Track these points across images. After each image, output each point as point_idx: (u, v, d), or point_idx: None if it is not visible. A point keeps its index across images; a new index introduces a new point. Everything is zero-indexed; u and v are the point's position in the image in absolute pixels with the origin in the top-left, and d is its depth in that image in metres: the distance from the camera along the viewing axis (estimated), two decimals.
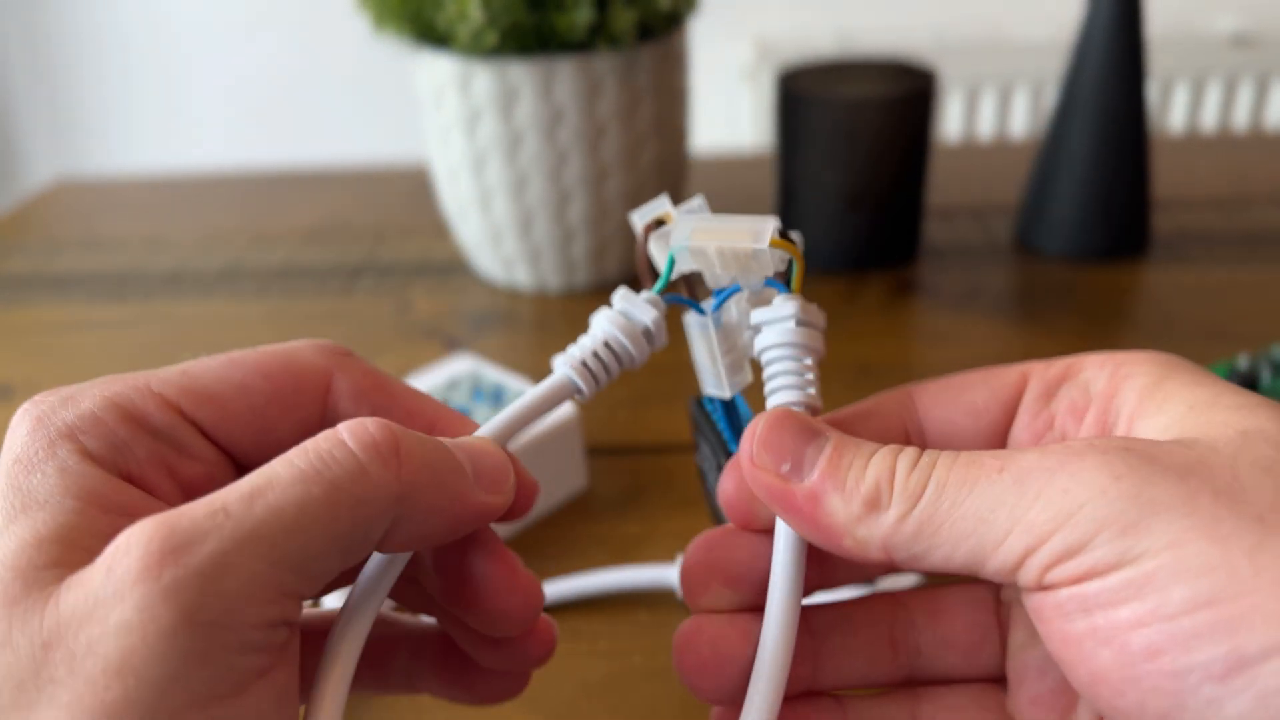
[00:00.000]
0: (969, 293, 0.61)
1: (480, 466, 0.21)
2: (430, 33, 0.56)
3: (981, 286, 0.61)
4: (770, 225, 0.23)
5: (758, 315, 0.24)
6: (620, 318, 0.24)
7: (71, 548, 0.17)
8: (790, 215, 0.64)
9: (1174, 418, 0.20)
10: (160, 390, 0.21)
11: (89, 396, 0.20)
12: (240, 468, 0.22)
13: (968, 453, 0.20)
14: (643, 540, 0.42)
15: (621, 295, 0.24)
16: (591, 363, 0.24)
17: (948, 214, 0.70)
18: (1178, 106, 1.33)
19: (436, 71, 0.57)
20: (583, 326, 0.25)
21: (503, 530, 0.43)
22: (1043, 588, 0.19)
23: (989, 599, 0.25)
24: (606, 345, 0.24)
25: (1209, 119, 1.34)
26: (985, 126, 1.34)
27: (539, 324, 0.60)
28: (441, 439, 0.21)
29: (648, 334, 0.24)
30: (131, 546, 0.16)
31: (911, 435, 0.24)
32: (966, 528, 0.19)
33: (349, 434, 0.19)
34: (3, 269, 0.71)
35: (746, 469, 0.22)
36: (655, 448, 0.48)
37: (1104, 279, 0.61)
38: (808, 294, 0.24)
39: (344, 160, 0.90)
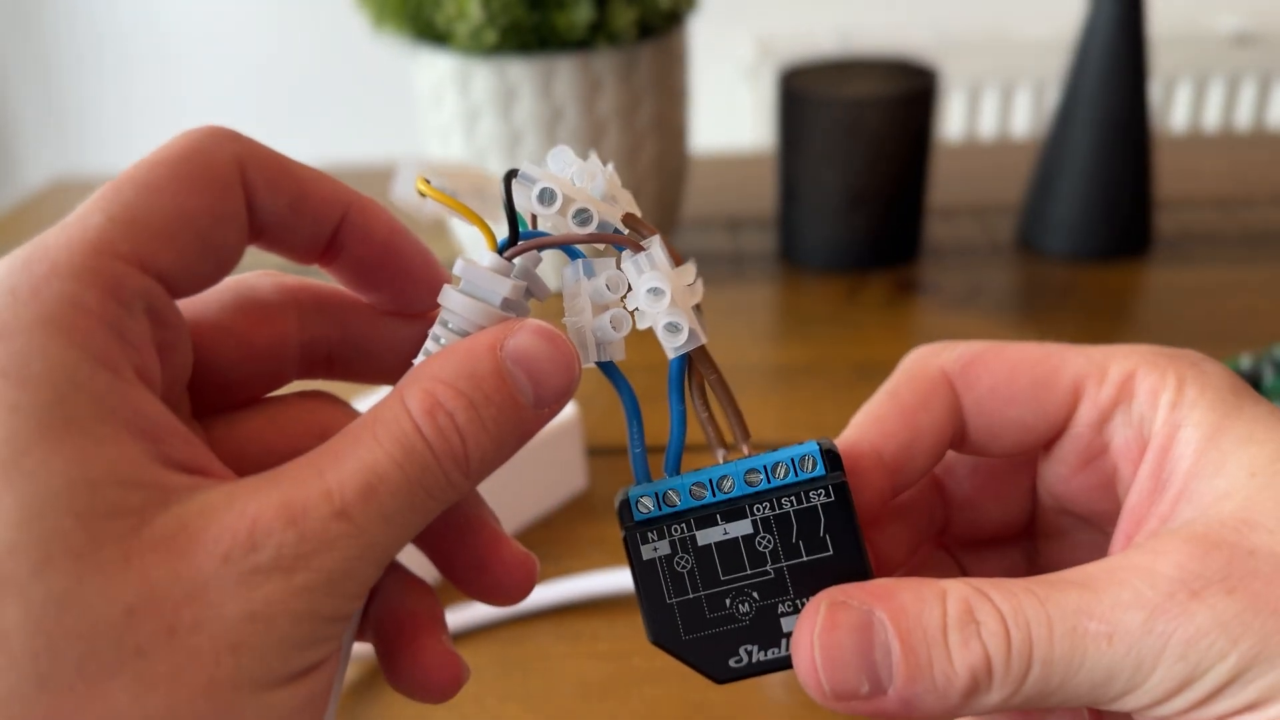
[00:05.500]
0: (970, 292, 0.60)
1: (541, 383, 0.19)
2: (429, 31, 0.56)
3: (983, 286, 0.61)
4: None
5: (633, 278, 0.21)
6: (467, 302, 0.20)
7: (126, 489, 0.16)
8: (791, 214, 0.63)
9: (1234, 483, 0.20)
10: (123, 250, 0.17)
11: (60, 276, 0.17)
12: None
13: (1062, 614, 0.19)
14: None
15: (462, 267, 0.21)
16: None
17: (949, 213, 0.70)
18: (1180, 106, 1.33)
19: (435, 70, 0.56)
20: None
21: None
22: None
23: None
24: (465, 335, 0.20)
25: (1211, 118, 1.33)
26: (987, 125, 1.34)
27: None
28: (504, 354, 0.19)
29: (510, 305, 0.20)
30: (259, 545, 0.16)
31: (953, 437, 0.24)
32: (1080, 693, 0.19)
33: (434, 437, 0.18)
34: None
35: (828, 704, 0.20)
36: (656, 448, 0.48)
37: (1106, 278, 0.61)
38: (809, 293, 0.24)
39: (343, 159, 0.89)
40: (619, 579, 0.39)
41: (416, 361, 0.20)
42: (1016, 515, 0.26)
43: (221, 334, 0.21)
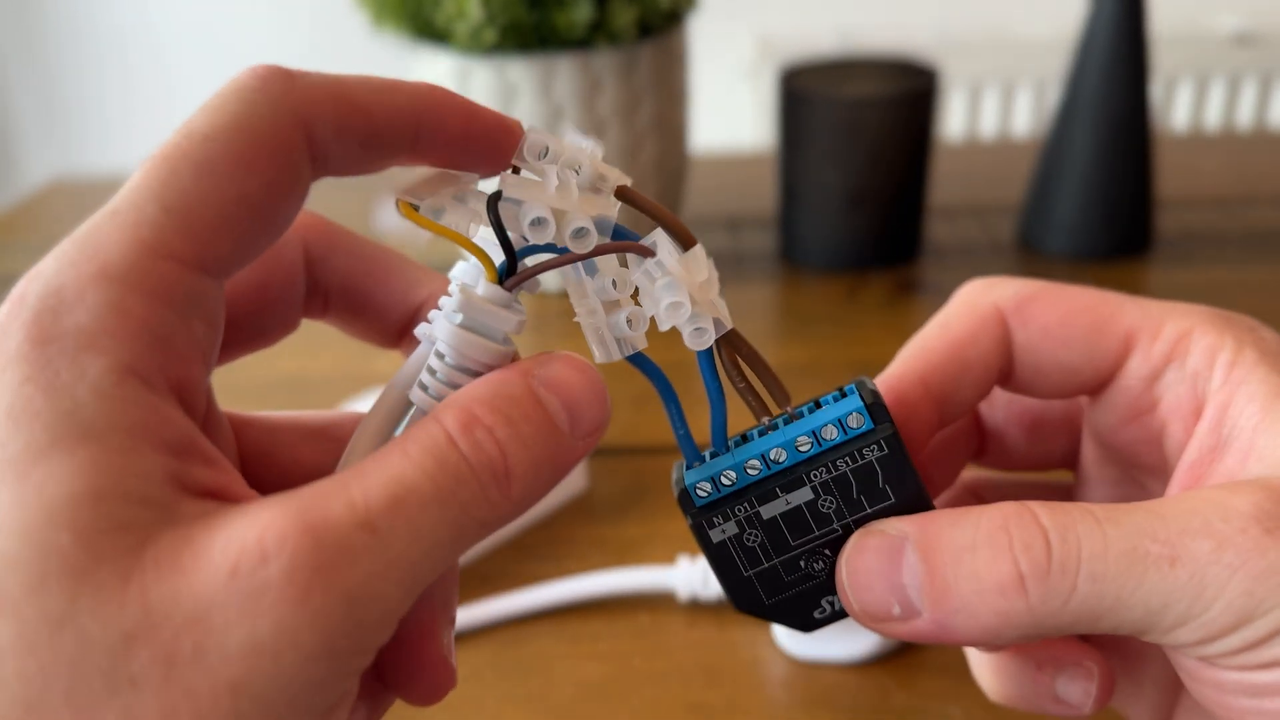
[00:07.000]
0: None
1: (576, 411, 0.19)
2: (429, 30, 0.56)
3: None
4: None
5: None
6: (470, 338, 0.19)
7: (132, 504, 0.15)
8: (791, 214, 0.63)
9: None
10: (179, 249, 0.16)
11: (109, 278, 0.16)
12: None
13: (1121, 533, 0.18)
14: (643, 542, 0.42)
15: (460, 302, 0.19)
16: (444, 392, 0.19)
17: (950, 213, 0.70)
18: (1181, 105, 1.33)
19: (435, 69, 0.56)
20: (578, 328, 0.21)
21: (503, 532, 0.42)
22: (1204, 660, 0.19)
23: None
24: (465, 371, 0.19)
25: (1212, 118, 1.33)
26: (988, 125, 1.34)
27: (538, 324, 0.59)
28: (537, 382, 0.18)
29: (509, 339, 0.20)
30: (270, 555, 0.15)
31: (1000, 373, 0.23)
32: (1132, 619, 0.18)
33: (470, 449, 0.17)
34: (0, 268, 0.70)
35: (867, 625, 0.20)
36: (656, 448, 0.48)
37: (1107, 278, 0.61)
38: (809, 292, 0.24)
39: None
40: (619, 579, 0.39)
41: (412, 395, 0.19)
42: (1053, 459, 0.26)
43: None
